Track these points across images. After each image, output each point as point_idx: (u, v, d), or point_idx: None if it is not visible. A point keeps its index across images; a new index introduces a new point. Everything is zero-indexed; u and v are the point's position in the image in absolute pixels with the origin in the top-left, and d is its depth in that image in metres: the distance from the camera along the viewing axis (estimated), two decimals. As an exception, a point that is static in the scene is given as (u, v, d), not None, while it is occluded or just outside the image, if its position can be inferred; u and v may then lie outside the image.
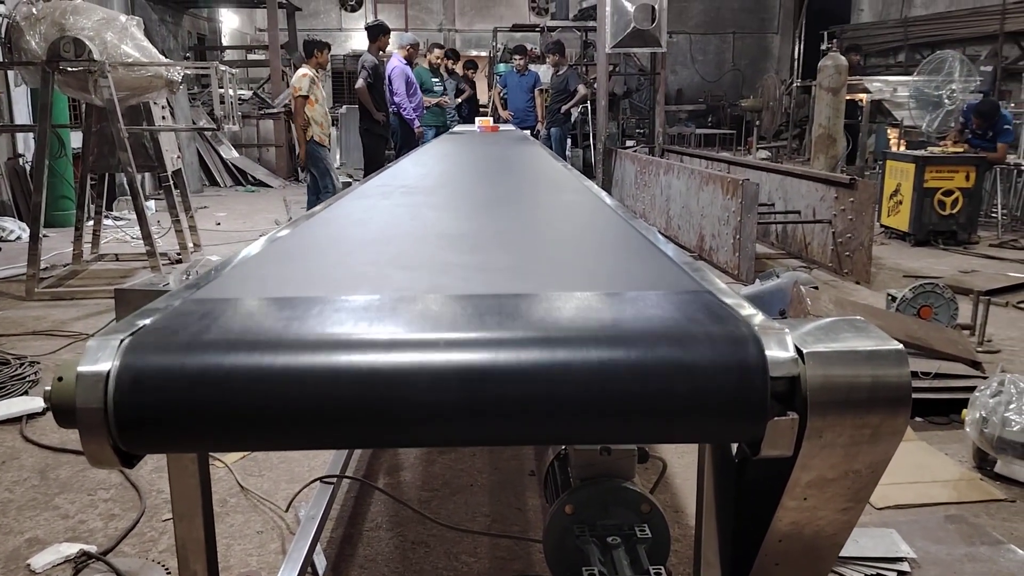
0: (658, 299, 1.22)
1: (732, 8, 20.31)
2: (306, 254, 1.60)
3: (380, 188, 2.63)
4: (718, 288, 1.30)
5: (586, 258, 1.61)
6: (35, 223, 5.59)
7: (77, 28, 5.33)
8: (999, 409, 2.72)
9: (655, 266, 1.45)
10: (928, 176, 6.93)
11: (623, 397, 1.00)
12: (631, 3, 9.33)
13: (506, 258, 1.55)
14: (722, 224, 6.04)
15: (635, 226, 1.93)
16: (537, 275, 1.42)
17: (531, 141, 5.39)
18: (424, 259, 1.55)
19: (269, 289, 1.29)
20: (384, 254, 1.57)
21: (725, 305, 1.17)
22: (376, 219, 2.04)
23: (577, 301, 1.20)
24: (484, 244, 1.75)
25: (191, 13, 14.70)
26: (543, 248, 1.69)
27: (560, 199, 2.60)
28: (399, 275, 1.38)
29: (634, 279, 1.39)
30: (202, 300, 1.22)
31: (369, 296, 1.20)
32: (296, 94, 6.94)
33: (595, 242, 1.78)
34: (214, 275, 1.38)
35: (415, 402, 0.99)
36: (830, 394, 1.02)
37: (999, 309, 4.99)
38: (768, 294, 3.98)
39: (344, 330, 1.08)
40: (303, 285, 1.32)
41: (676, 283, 1.34)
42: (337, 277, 1.40)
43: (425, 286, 1.29)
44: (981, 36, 13.03)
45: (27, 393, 3.71)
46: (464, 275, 1.40)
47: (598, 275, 1.41)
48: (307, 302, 1.17)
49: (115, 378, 0.99)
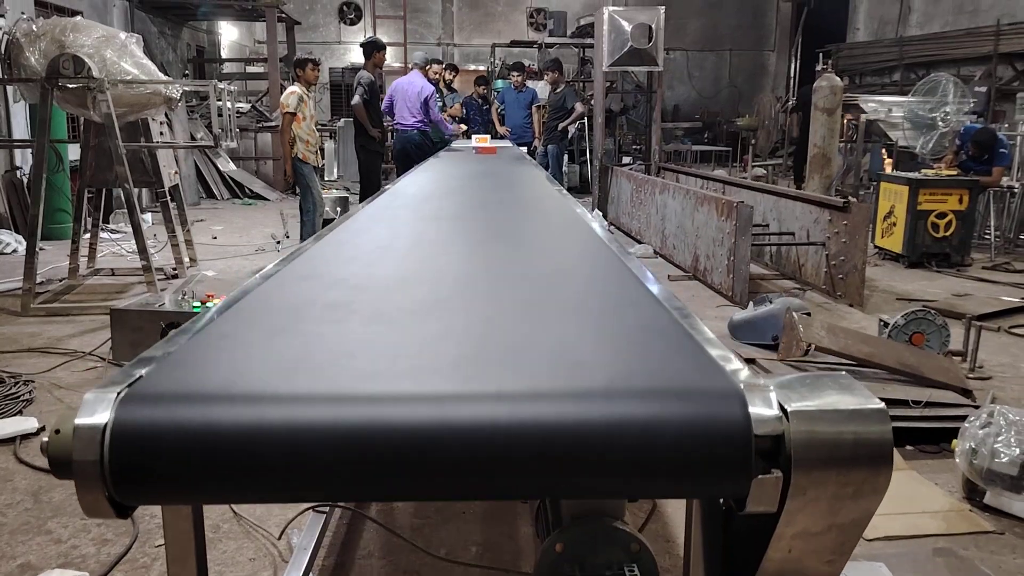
0: (645, 352, 1.24)
1: (729, 25, 20.45)
2: (299, 302, 1.59)
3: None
4: (705, 337, 1.33)
5: (571, 300, 1.60)
6: (32, 237, 5.59)
7: (77, 45, 5.36)
8: (988, 441, 2.74)
9: (644, 313, 1.47)
10: (922, 198, 6.98)
11: (608, 453, 1.02)
12: (628, 22, 9.41)
13: (489, 304, 1.55)
14: (716, 245, 6.07)
15: (626, 263, 1.96)
16: (519, 319, 1.42)
17: (527, 163, 5.39)
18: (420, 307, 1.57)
19: (263, 338, 1.30)
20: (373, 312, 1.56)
21: (711, 359, 1.20)
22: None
23: (561, 353, 1.22)
24: (471, 288, 1.77)
25: (190, 26, 14.75)
26: (527, 289, 1.69)
27: (548, 233, 2.59)
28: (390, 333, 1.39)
29: (622, 327, 1.40)
30: (197, 348, 1.24)
31: (363, 350, 1.22)
32: (283, 111, 6.97)
33: (582, 282, 1.78)
34: (209, 320, 1.39)
35: (404, 456, 1.01)
36: (814, 452, 1.04)
37: (991, 334, 5.02)
38: (761, 319, 4.02)
39: (338, 384, 1.10)
40: (297, 336, 1.33)
41: (665, 331, 1.36)
42: (332, 327, 1.41)
43: (416, 339, 1.31)
44: (976, 57, 13.14)
45: (21, 413, 3.72)
46: (448, 327, 1.42)
47: (584, 323, 1.42)
48: (301, 355, 1.19)
49: (111, 432, 1.00)
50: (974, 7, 13.64)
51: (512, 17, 19.58)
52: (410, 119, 8.48)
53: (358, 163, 8.42)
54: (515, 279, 1.77)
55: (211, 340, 1.29)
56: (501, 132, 10.31)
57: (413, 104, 8.41)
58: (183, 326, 1.38)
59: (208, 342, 1.27)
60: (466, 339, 1.30)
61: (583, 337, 1.31)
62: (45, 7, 9.75)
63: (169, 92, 5.70)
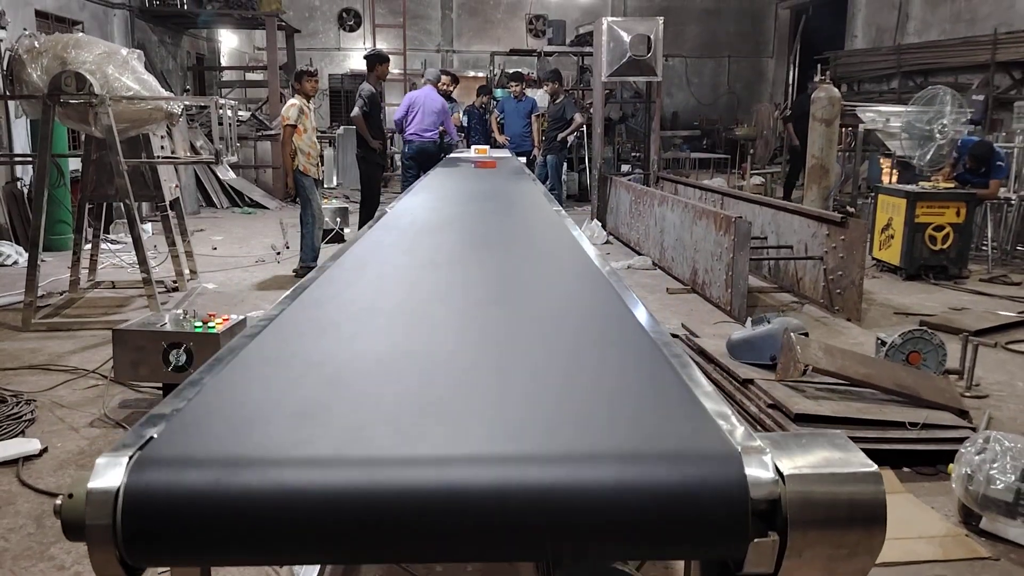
0: (643, 411, 1.26)
1: (727, 32, 20.50)
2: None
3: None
4: (704, 391, 1.35)
5: (569, 355, 1.56)
6: (34, 249, 5.59)
7: (79, 62, 5.39)
8: (984, 467, 2.77)
9: (643, 365, 1.49)
10: (919, 211, 7.01)
11: (603, 517, 1.04)
12: (627, 33, 9.45)
13: (482, 366, 1.51)
14: (715, 259, 6.10)
15: (625, 301, 1.98)
16: (513, 378, 1.42)
17: (525, 179, 5.38)
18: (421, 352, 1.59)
19: (274, 395, 1.32)
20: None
21: (709, 417, 1.22)
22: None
23: (558, 415, 1.24)
24: (468, 373, 1.78)
25: (190, 34, 14.78)
26: (523, 343, 1.64)
27: (547, 274, 2.44)
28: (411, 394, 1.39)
29: (620, 383, 1.42)
30: (208, 406, 1.26)
31: (371, 413, 1.24)
32: (284, 123, 7.00)
33: (581, 333, 1.73)
34: (218, 370, 1.42)
35: (409, 519, 1.04)
36: (810, 514, 1.07)
37: (988, 350, 5.05)
38: (759, 339, 4.04)
39: (348, 447, 1.13)
40: (303, 394, 1.35)
41: (664, 386, 1.38)
42: (341, 383, 1.43)
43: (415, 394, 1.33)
44: (973, 65, 13.17)
45: (23, 433, 3.74)
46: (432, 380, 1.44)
47: (582, 382, 1.42)
48: (310, 415, 1.21)
49: (123, 496, 1.03)
50: (971, 16, 13.68)
51: (511, 24, 19.63)
52: (429, 131, 8.83)
53: (359, 174, 8.46)
54: (511, 334, 1.69)
55: (219, 391, 1.31)
56: (500, 141, 10.36)
57: (433, 117, 8.83)
58: (193, 376, 1.41)
59: (216, 394, 1.29)
60: (455, 407, 1.30)
61: (580, 397, 1.32)
62: (46, 17, 9.79)
63: (170, 108, 5.72)
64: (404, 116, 8.87)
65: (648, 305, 6.02)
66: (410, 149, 8.96)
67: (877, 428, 3.43)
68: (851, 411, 3.50)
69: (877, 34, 16.19)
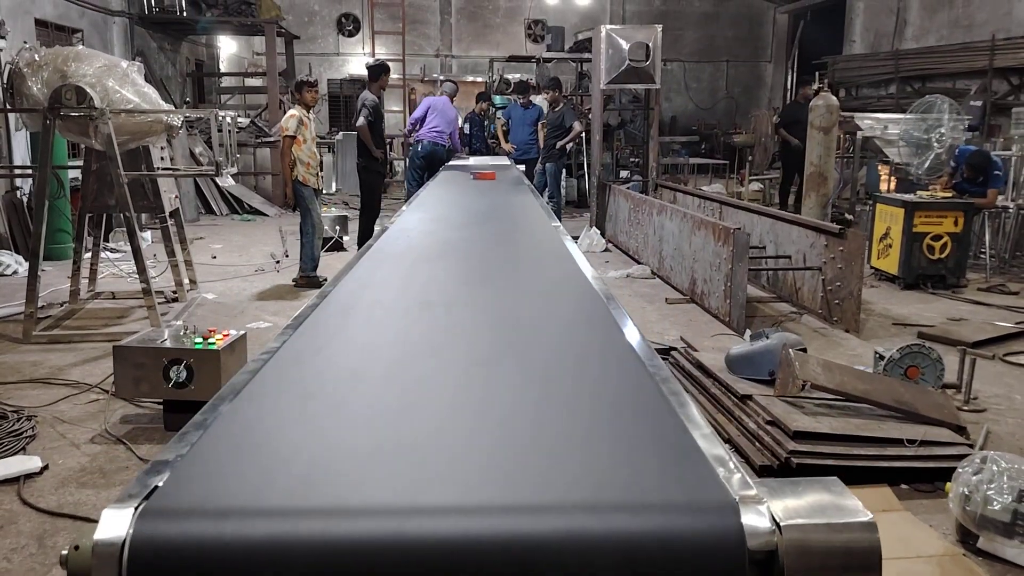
0: (638, 458, 1.27)
1: (726, 36, 20.56)
2: (310, 398, 1.54)
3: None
4: (701, 432, 1.36)
5: (566, 399, 1.54)
6: (34, 259, 5.58)
7: (79, 75, 5.40)
8: (981, 487, 2.78)
9: (640, 408, 1.50)
10: (917, 221, 7.04)
11: (599, 568, 1.06)
12: (626, 41, 9.48)
13: (477, 418, 1.49)
14: (714, 270, 6.12)
15: (624, 333, 1.99)
16: (508, 427, 1.41)
17: (524, 192, 5.38)
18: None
19: (277, 442, 1.33)
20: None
21: (706, 463, 1.23)
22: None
23: (550, 464, 1.24)
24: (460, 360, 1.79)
25: (190, 40, 14.80)
26: (516, 387, 1.62)
27: (547, 308, 2.32)
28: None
29: (617, 427, 1.42)
30: (213, 452, 1.27)
31: (376, 462, 1.25)
32: (283, 134, 7.02)
33: (579, 375, 1.70)
34: (221, 414, 1.43)
35: (410, 571, 1.05)
36: (806, 563, 1.08)
37: (986, 363, 5.06)
38: (758, 354, 4.06)
39: (353, 497, 1.14)
40: (310, 441, 1.36)
41: (662, 429, 1.39)
42: (348, 432, 1.43)
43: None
44: (971, 71, 13.21)
45: (24, 450, 3.75)
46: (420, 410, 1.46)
47: (580, 427, 1.42)
48: (316, 465, 1.22)
49: (129, 548, 1.04)
50: (969, 21, 13.72)
51: (510, 29, 19.66)
52: (442, 134, 9.17)
53: (360, 183, 8.47)
54: (510, 385, 1.62)
55: (221, 438, 1.32)
56: (506, 148, 10.39)
57: (449, 124, 9.28)
58: (196, 418, 1.42)
59: (220, 446, 1.31)
60: (448, 459, 1.30)
61: (577, 444, 1.33)
62: (45, 26, 9.80)
63: (170, 120, 5.74)
64: (423, 116, 9.23)
65: (647, 315, 5.97)
66: (422, 149, 9.15)
67: (875, 445, 3.45)
68: (849, 428, 3.51)
69: (875, 39, 16.23)
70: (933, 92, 13.99)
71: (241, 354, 4.18)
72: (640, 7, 20.12)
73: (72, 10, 10.46)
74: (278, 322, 6.08)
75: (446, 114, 9.28)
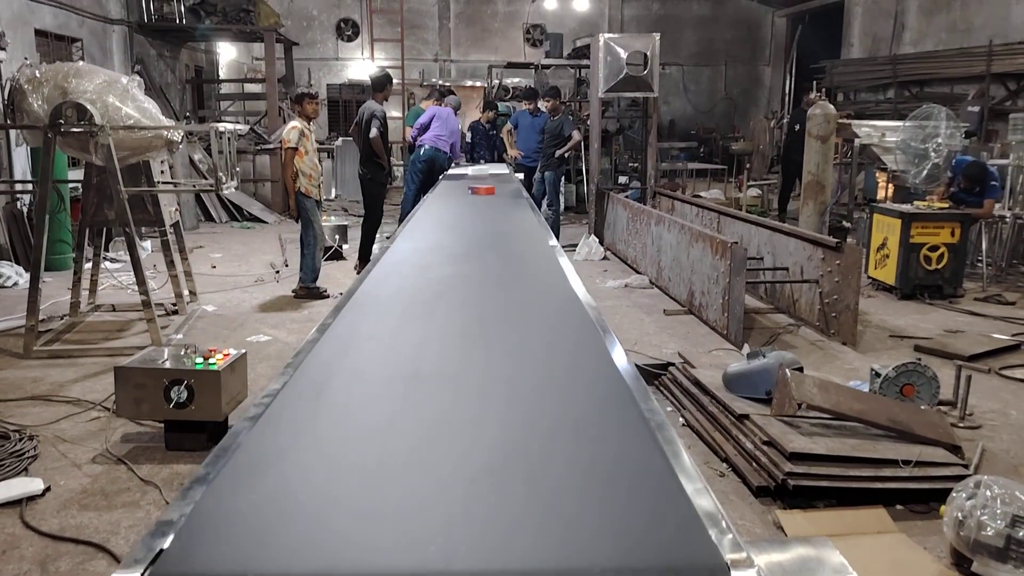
0: (630, 519, 1.29)
1: (724, 39, 20.60)
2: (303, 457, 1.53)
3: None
4: (695, 486, 1.39)
5: (564, 456, 1.54)
6: (35, 273, 5.60)
7: (79, 91, 5.43)
8: (975, 512, 2.81)
9: (638, 463, 1.52)
10: (914, 232, 7.07)
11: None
12: (624, 49, 9.51)
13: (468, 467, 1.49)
14: (711, 283, 6.14)
15: (622, 375, 2.01)
16: (501, 487, 1.42)
17: (525, 211, 5.36)
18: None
19: (277, 502, 1.35)
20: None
21: (698, 521, 1.26)
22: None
23: (542, 524, 1.27)
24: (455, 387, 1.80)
25: (189, 47, 14.82)
26: (516, 443, 1.61)
27: (544, 365, 2.18)
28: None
29: (611, 479, 1.45)
30: (214, 516, 1.29)
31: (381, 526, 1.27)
32: (285, 146, 7.06)
33: (579, 431, 1.69)
34: (221, 476, 1.45)
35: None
36: (794, 627, 1.12)
37: (982, 376, 5.10)
38: (755, 373, 4.09)
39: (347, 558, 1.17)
40: (311, 502, 1.38)
41: (653, 482, 1.42)
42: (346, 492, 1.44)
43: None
44: (968, 76, 13.24)
45: (27, 471, 3.77)
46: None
47: (577, 488, 1.43)
48: (316, 522, 1.25)
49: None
50: (967, 26, 13.75)
51: (509, 33, 19.69)
52: (446, 143, 9.24)
53: (364, 195, 8.51)
54: (508, 450, 1.60)
55: (221, 505, 1.34)
56: (513, 155, 10.43)
57: (452, 135, 9.36)
58: (199, 472, 1.44)
59: (220, 505, 1.33)
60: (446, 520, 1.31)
61: (570, 502, 1.35)
62: (45, 36, 9.82)
63: (170, 135, 5.77)
64: (428, 123, 9.29)
65: (645, 327, 5.96)
66: (424, 154, 9.15)
67: (871, 466, 3.48)
68: (845, 448, 3.54)
69: (873, 43, 16.26)
70: (931, 97, 14.08)
71: (241, 373, 4.20)
72: (638, 11, 20.15)
73: (72, 19, 10.48)
74: (278, 335, 6.11)
75: (449, 124, 9.39)
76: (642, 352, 5.46)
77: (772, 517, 3.38)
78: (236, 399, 4.15)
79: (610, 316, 6.65)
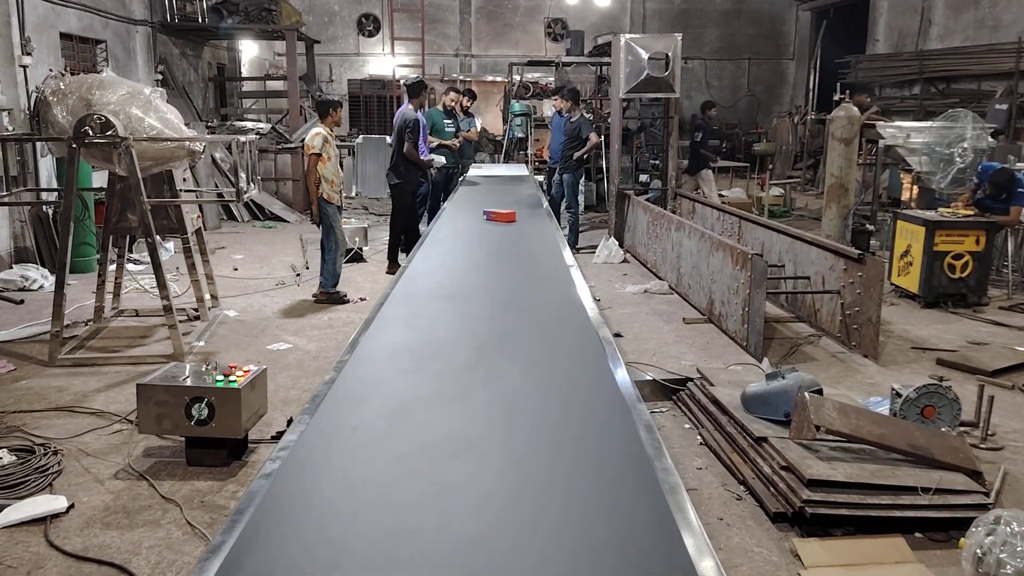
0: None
1: (747, 34, 20.41)
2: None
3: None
4: (696, 542, 1.40)
5: (573, 496, 1.59)
6: (60, 277, 5.66)
7: (103, 103, 5.48)
8: (994, 550, 2.79)
9: (640, 504, 1.53)
10: (938, 239, 6.98)
11: None
12: (645, 50, 9.44)
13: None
14: (731, 293, 6.11)
15: (636, 418, 2.02)
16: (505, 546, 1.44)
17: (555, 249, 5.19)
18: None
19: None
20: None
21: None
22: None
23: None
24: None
25: (211, 44, 14.92)
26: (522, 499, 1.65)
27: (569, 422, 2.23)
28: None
29: (618, 552, 1.45)
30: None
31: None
32: (308, 152, 7.11)
33: (592, 488, 1.72)
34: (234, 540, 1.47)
35: None
36: None
37: (1005, 393, 5.04)
38: (773, 395, 4.07)
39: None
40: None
41: (653, 537, 1.42)
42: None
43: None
44: (996, 73, 13.03)
45: (51, 486, 3.84)
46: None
47: (569, 526, 1.44)
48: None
49: None
50: (995, 22, 13.52)
51: (530, 28, 19.64)
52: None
53: (392, 201, 8.63)
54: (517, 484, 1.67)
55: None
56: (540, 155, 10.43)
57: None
58: (214, 542, 1.46)
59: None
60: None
61: (565, 551, 1.36)
62: (70, 39, 9.92)
63: (192, 145, 5.82)
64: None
65: (664, 336, 5.89)
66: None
67: (890, 493, 3.45)
68: (864, 475, 3.52)
69: (899, 39, 16.03)
70: (958, 94, 13.88)
71: (261, 390, 4.24)
72: (661, 5, 20.00)
73: (96, 22, 10.58)
74: (298, 343, 6.16)
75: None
76: (660, 366, 5.44)
77: (789, 544, 3.37)
78: (257, 414, 4.20)
79: (629, 324, 6.63)
